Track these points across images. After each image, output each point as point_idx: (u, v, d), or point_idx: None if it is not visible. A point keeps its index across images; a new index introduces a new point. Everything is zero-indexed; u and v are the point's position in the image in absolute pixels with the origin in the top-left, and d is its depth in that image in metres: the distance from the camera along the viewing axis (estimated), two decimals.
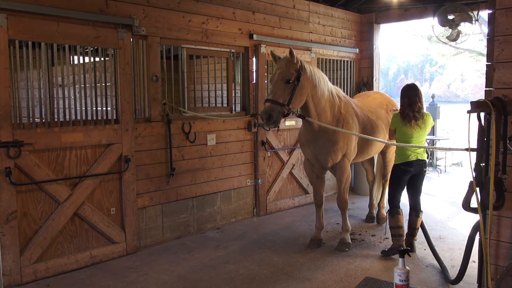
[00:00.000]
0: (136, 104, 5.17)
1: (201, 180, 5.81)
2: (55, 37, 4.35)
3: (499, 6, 3.09)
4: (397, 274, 3.66)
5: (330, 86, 5.04)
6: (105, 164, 4.78)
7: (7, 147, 4.06)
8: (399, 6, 7.53)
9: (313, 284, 4.22)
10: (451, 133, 11.68)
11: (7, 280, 4.13)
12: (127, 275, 4.46)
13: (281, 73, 4.46)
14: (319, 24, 7.35)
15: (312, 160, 5.20)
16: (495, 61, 3.13)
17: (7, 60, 4.03)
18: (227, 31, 5.98)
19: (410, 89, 4.75)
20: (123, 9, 4.88)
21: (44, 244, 4.37)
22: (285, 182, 6.91)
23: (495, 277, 3.16)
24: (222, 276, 4.43)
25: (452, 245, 5.21)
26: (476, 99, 3.24)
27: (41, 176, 4.32)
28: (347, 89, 8.01)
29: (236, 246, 5.28)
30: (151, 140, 5.26)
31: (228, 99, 6.31)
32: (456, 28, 7.14)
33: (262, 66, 6.42)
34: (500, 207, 3.07)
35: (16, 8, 4.06)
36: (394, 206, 4.81)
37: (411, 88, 4.76)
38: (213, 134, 5.90)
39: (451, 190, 8.41)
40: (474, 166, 3.16)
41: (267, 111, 4.34)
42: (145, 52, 5.16)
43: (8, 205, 4.10)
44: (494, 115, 2.96)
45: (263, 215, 6.56)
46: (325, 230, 5.72)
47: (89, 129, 4.67)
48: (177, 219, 5.59)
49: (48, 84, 4.74)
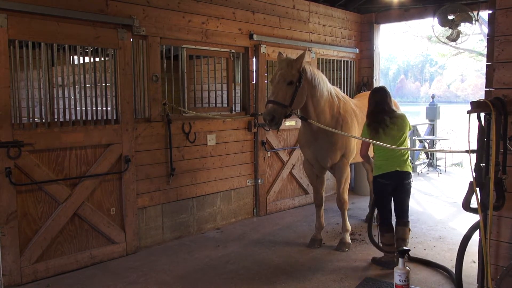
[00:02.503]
0: (136, 104, 5.17)
1: (201, 180, 5.81)
2: (55, 37, 4.35)
3: (499, 6, 3.10)
4: (397, 274, 3.67)
5: (330, 86, 5.04)
6: (105, 164, 4.78)
7: (7, 147, 4.06)
8: (399, 6, 7.53)
9: (313, 284, 4.22)
10: (451, 134, 11.68)
11: (7, 280, 4.13)
12: (127, 275, 4.46)
13: (282, 74, 4.45)
14: (319, 24, 7.35)
15: (311, 161, 5.20)
16: (495, 61, 3.13)
17: (7, 60, 4.03)
18: (227, 31, 5.98)
19: (375, 93, 4.54)
20: (123, 9, 4.88)
21: (44, 244, 4.37)
22: (285, 182, 6.91)
23: (495, 277, 3.16)
24: (222, 276, 4.43)
25: (452, 246, 5.21)
26: (476, 99, 3.24)
27: (41, 176, 4.31)
28: (347, 89, 8.01)
29: (236, 246, 5.28)
30: (151, 140, 5.26)
31: (228, 99, 6.31)
32: (456, 28, 7.14)
33: (262, 66, 6.42)
34: (500, 207, 3.07)
35: (16, 8, 4.06)
36: (383, 217, 4.51)
37: (376, 92, 4.54)
38: (213, 134, 5.90)
39: (451, 190, 8.41)
40: (474, 166, 3.16)
41: (270, 112, 4.33)
42: (145, 52, 5.16)
43: (8, 205, 4.10)
44: (494, 115, 2.96)
45: (263, 215, 6.56)
46: (325, 230, 5.72)
47: (89, 129, 4.67)
48: (177, 219, 5.59)
49: (48, 84, 4.74)
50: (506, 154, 3.04)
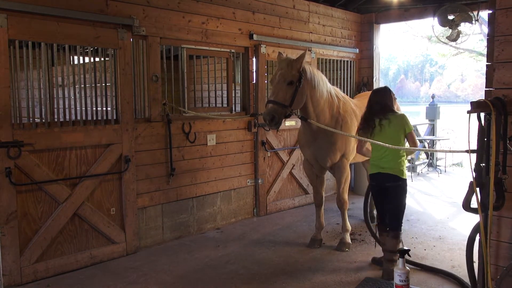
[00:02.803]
0: (136, 104, 5.17)
1: (201, 180, 5.81)
2: (55, 37, 4.35)
3: (499, 6, 3.09)
4: (397, 274, 3.66)
5: (329, 86, 5.04)
6: (105, 164, 4.78)
7: (7, 147, 4.06)
8: (399, 6, 7.53)
9: (313, 284, 4.22)
10: (451, 134, 11.68)
11: (7, 280, 4.13)
12: (127, 275, 4.46)
13: (282, 74, 4.45)
14: (319, 24, 7.35)
15: (311, 161, 5.20)
16: (495, 61, 3.13)
17: (7, 60, 4.03)
18: (227, 31, 5.98)
19: (374, 94, 4.42)
20: (123, 9, 4.88)
21: (44, 244, 4.37)
22: (285, 182, 6.91)
23: (495, 277, 3.16)
24: (222, 276, 4.43)
25: (452, 245, 5.21)
26: (476, 99, 3.23)
27: (41, 176, 4.31)
28: (347, 89, 8.01)
29: (236, 246, 5.28)
30: (151, 140, 5.26)
31: (228, 99, 6.31)
32: (456, 28, 7.14)
33: (262, 66, 6.42)
34: (500, 207, 3.07)
35: (16, 8, 4.06)
36: (378, 218, 4.42)
37: (375, 93, 4.42)
38: (213, 134, 5.90)
39: (451, 190, 8.41)
40: (474, 166, 3.16)
41: (270, 112, 4.33)
42: (145, 52, 5.16)
43: (8, 205, 4.10)
44: (494, 115, 2.96)
45: (263, 215, 6.56)
46: (325, 230, 5.72)
47: (89, 129, 4.67)
48: (177, 219, 5.59)
49: (48, 84, 4.74)
50: (506, 154, 3.04)
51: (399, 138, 4.19)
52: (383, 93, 4.36)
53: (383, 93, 4.37)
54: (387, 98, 4.32)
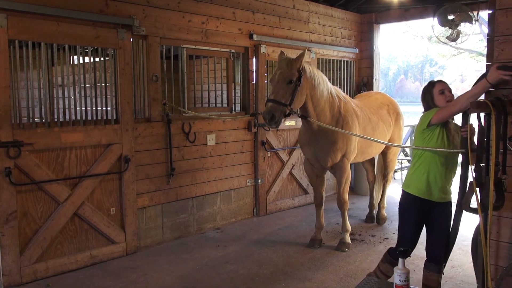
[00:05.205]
0: (136, 104, 5.16)
1: (201, 180, 5.81)
2: (55, 37, 4.35)
3: (499, 6, 3.09)
4: (397, 274, 3.65)
5: (330, 86, 5.04)
6: (105, 164, 4.78)
7: (7, 147, 4.06)
8: (399, 6, 7.52)
9: (313, 284, 4.22)
10: None
11: (7, 280, 4.13)
12: (127, 275, 4.46)
13: (282, 73, 4.45)
14: (319, 24, 7.35)
15: (312, 160, 5.20)
16: (495, 61, 3.12)
17: (7, 60, 4.03)
18: (227, 31, 5.97)
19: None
20: (123, 9, 4.88)
21: (44, 244, 4.37)
22: (285, 182, 6.91)
23: (495, 277, 3.16)
24: (222, 276, 4.43)
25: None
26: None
27: (41, 176, 4.31)
28: (347, 89, 8.01)
29: (236, 246, 5.28)
30: (151, 140, 5.26)
31: (228, 99, 6.31)
32: (456, 28, 7.14)
33: (262, 66, 6.42)
34: (500, 207, 3.07)
35: (16, 8, 4.06)
36: (401, 246, 3.46)
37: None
38: (213, 134, 5.90)
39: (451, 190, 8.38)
40: (474, 167, 3.16)
41: (270, 110, 4.33)
42: (145, 52, 5.16)
43: (8, 205, 4.10)
44: (494, 115, 2.96)
45: (263, 215, 6.56)
46: (325, 230, 5.72)
47: (89, 129, 4.67)
48: (177, 219, 5.59)
49: (48, 84, 4.74)
50: (506, 154, 3.04)
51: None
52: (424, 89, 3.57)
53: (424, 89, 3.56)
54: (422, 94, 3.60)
